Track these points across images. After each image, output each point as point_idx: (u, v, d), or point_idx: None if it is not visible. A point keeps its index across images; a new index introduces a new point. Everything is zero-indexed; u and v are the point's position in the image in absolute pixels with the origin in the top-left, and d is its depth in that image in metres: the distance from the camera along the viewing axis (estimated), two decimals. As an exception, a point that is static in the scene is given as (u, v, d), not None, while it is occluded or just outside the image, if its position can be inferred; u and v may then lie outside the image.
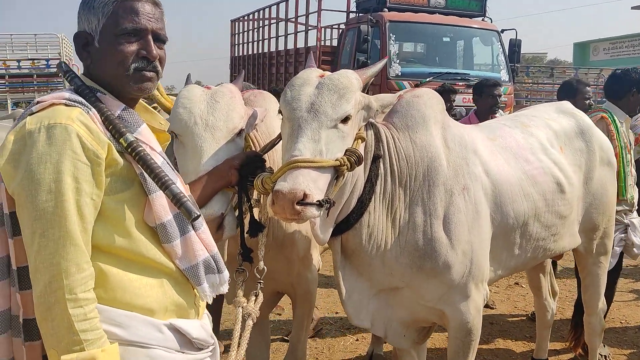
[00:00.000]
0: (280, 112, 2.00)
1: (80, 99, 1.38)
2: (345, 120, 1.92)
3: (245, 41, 15.03)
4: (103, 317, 1.32)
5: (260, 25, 13.94)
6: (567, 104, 3.03)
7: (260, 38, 13.81)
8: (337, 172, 1.89)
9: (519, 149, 2.56)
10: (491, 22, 9.71)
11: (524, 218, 2.46)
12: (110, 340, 1.31)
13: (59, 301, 1.24)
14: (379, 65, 2.18)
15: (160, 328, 1.40)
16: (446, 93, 5.35)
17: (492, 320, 4.50)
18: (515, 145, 2.56)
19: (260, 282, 1.99)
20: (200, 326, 1.52)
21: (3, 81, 13.16)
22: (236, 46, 15.92)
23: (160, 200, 1.41)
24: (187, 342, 1.47)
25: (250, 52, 14.50)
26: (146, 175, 1.39)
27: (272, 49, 12.84)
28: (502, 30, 9.37)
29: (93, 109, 1.37)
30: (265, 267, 2.02)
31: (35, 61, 13.54)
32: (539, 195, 2.51)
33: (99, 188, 1.33)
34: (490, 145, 2.49)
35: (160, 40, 1.48)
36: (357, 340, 4.24)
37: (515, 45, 9.27)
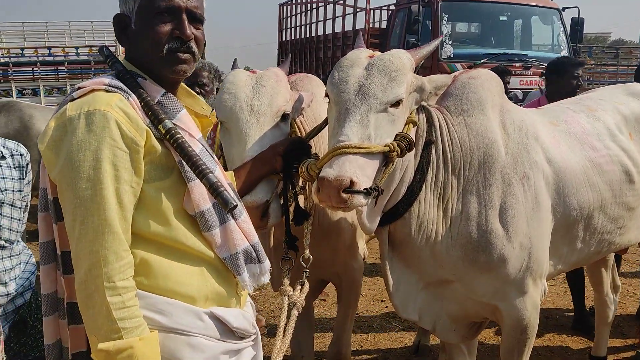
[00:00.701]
0: (327, 95, 1.91)
1: (120, 84, 1.35)
2: (396, 103, 1.81)
3: (293, 25, 14.96)
4: (145, 304, 1.31)
5: (308, 8, 13.82)
6: (636, 86, 2.79)
7: (308, 22, 13.70)
8: (386, 158, 1.79)
9: (584, 135, 2.37)
10: (551, -1, 9.22)
11: (588, 210, 2.29)
12: (151, 328, 1.30)
13: (98, 289, 1.24)
14: (434, 44, 2.05)
15: (201, 316, 1.38)
16: (500, 75, 5.11)
17: (548, 314, 4.30)
18: (580, 131, 2.38)
19: (306, 271, 1.93)
20: (241, 315, 1.49)
21: (63, 68, 13.64)
22: (284, 30, 15.88)
23: (199, 189, 1.37)
24: (227, 331, 1.44)
25: (298, 37, 14.43)
26: (184, 162, 1.35)
27: (320, 32, 12.72)
28: (564, 9, 8.86)
29: (133, 95, 1.35)
30: (311, 256, 1.95)
31: (93, 48, 13.96)
32: (606, 185, 2.33)
33: (138, 176, 1.30)
34: (553, 130, 2.31)
35: (196, 20, 1.43)
36: (403, 329, 4.15)
37: (577, 24, 8.77)
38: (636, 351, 3.70)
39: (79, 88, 1.34)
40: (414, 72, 1.95)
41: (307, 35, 13.60)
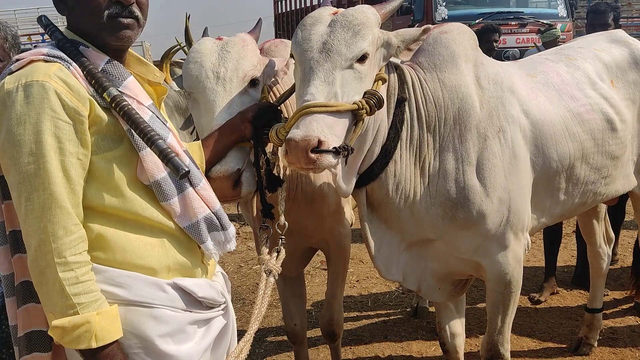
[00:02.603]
0: (292, 56, 1.88)
1: (60, 53, 1.31)
2: (362, 59, 1.77)
3: (288, -4, 14.74)
4: (103, 278, 1.30)
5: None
6: (620, 32, 2.71)
7: (303, -9, 13.49)
8: (355, 117, 1.76)
9: (562, 84, 2.32)
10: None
11: (569, 161, 2.25)
12: (111, 302, 1.30)
13: (49, 265, 1.22)
14: None
15: (163, 287, 1.37)
16: (488, 33, 4.97)
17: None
18: (558, 81, 2.32)
19: (281, 238, 1.92)
20: (207, 285, 1.48)
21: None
22: (279, 2, 15.65)
23: (151, 157, 1.35)
24: (194, 301, 1.43)
25: (293, 7, 14.21)
26: (133, 131, 1.32)
27: (315, 2, 12.51)
28: (559, -39, 8.64)
29: (74, 64, 1.31)
30: (287, 223, 1.94)
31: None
32: (587, 134, 2.29)
33: (85, 147, 1.28)
34: (530, 82, 2.27)
35: None
36: (402, 293, 4.18)
37: (573, -24, 8.55)
38: (635, 301, 3.70)
39: (17, 60, 1.31)
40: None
41: (303, 5, 13.40)
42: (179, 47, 5.09)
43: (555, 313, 3.74)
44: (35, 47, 1.45)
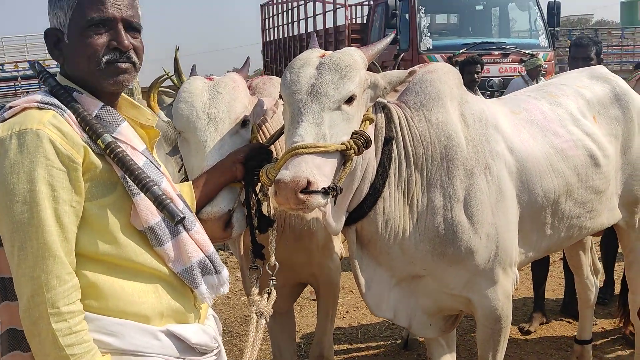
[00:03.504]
0: (281, 97, 1.91)
1: (54, 100, 1.32)
2: (349, 100, 1.80)
3: (275, 25, 14.94)
4: (95, 327, 1.28)
5: (289, 7, 13.82)
6: (601, 68, 2.79)
7: (290, 21, 13.69)
8: (344, 157, 1.78)
9: (546, 121, 2.37)
10: (527, -15, 9.23)
11: (554, 196, 2.29)
12: (103, 351, 1.28)
13: (42, 316, 1.21)
14: (386, 40, 2.04)
15: (157, 335, 1.36)
16: (470, 65, 5.08)
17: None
18: (541, 118, 2.38)
19: (272, 279, 1.92)
20: (201, 330, 1.47)
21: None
22: (267, 31, 15.86)
23: (145, 203, 1.34)
24: (187, 348, 1.42)
25: (281, 36, 14.41)
26: (127, 177, 1.33)
27: (302, 30, 12.71)
28: (539, -6, 8.90)
29: (68, 111, 1.31)
30: (277, 264, 1.94)
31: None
32: (571, 170, 2.33)
33: (78, 194, 1.27)
34: (514, 119, 2.31)
35: (133, 28, 1.40)
36: (392, 325, 4.15)
37: (554, 8, 8.78)
38: (623, 334, 3.71)
39: (10, 107, 1.31)
40: (394, 68, 1.93)
41: (290, 34, 13.58)
42: (166, 76, 5.13)
43: (545, 344, 3.74)
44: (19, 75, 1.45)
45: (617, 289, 4.30)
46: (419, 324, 2.31)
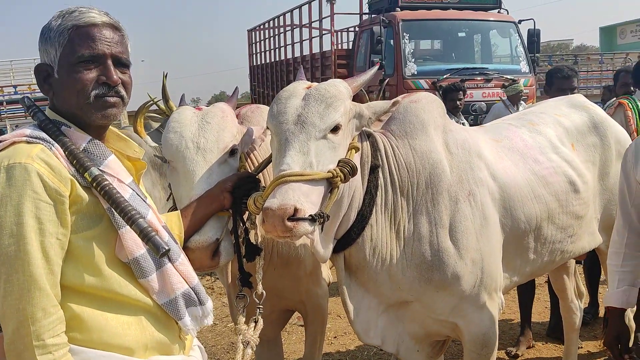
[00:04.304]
0: (268, 127, 1.95)
1: (43, 134, 1.34)
2: (335, 129, 1.85)
3: (263, 50, 15.09)
4: (80, 359, 1.28)
5: (276, 33, 13.98)
6: (579, 97, 2.88)
7: (277, 46, 13.85)
8: (330, 184, 1.81)
9: (526, 149, 2.44)
10: (507, 13, 9.48)
11: (536, 221, 2.34)
12: None
13: (27, 348, 1.21)
14: (370, 72, 2.10)
15: None
16: (452, 92, 5.20)
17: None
18: (522, 146, 2.45)
19: (259, 308, 1.92)
20: None
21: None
22: (254, 55, 16.01)
23: (130, 235, 1.36)
24: None
25: (268, 61, 14.55)
26: (113, 210, 1.35)
27: (289, 55, 12.85)
28: (520, 21, 9.14)
29: (56, 144, 1.33)
30: (264, 292, 1.95)
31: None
32: (551, 196, 2.39)
33: (64, 227, 1.29)
34: (496, 147, 2.38)
35: (122, 64, 1.44)
36: (381, 350, 4.14)
37: (534, 35, 9.02)
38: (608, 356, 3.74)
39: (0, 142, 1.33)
40: (381, 97, 1.97)
41: (277, 59, 13.73)
42: (152, 102, 5.17)
43: (531, 367, 3.76)
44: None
45: (602, 311, 4.35)
46: (407, 350, 2.32)
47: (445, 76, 7.96)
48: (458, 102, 5.22)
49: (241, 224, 1.95)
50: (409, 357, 2.36)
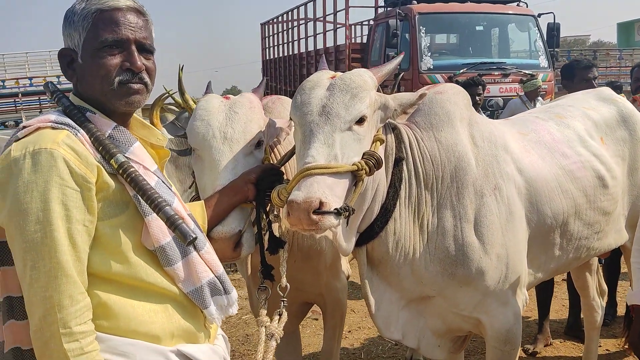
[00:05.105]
0: (292, 119, 1.91)
1: (68, 120, 1.33)
2: (360, 121, 1.81)
3: (276, 44, 15.05)
4: (106, 347, 1.27)
5: (289, 26, 13.93)
6: (607, 90, 2.82)
7: (290, 39, 13.79)
8: (355, 177, 1.78)
9: (554, 142, 2.39)
10: (527, 6, 9.35)
11: (563, 217, 2.29)
12: None
13: (54, 336, 1.20)
14: (396, 61, 2.06)
15: (167, 355, 1.35)
16: (471, 86, 5.04)
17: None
18: (550, 139, 2.39)
19: (283, 300, 1.90)
20: (210, 350, 1.46)
21: (45, 97, 13.52)
22: (267, 49, 15.98)
23: (156, 223, 1.34)
24: None
25: (281, 54, 14.51)
26: (140, 197, 1.33)
27: (302, 49, 12.80)
28: (539, 15, 8.99)
29: (81, 130, 1.32)
30: (288, 285, 1.93)
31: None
32: (579, 191, 2.34)
33: (91, 214, 1.27)
34: (523, 140, 2.33)
35: (146, 50, 1.41)
36: (395, 345, 4.12)
37: (553, 29, 8.88)
38: (629, 355, 3.68)
39: (24, 127, 1.31)
40: (394, 89, 1.94)
41: (290, 53, 13.68)
42: (169, 94, 5.17)
43: (550, 365, 3.71)
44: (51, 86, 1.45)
45: (620, 310, 4.29)
46: (428, 345, 2.29)
47: (461, 71, 7.87)
48: (477, 98, 5.08)
49: (264, 216, 1.93)
50: (429, 352, 2.33)
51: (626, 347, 3.66)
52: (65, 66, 1.41)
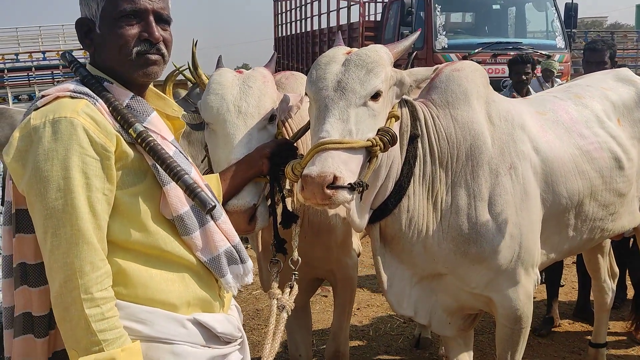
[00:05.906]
0: (307, 94, 1.91)
1: (86, 89, 1.33)
2: (375, 96, 1.80)
3: (289, 21, 14.91)
4: (125, 314, 1.29)
5: (302, 3, 13.77)
6: (626, 71, 2.77)
7: (303, 17, 13.65)
8: (369, 153, 1.78)
9: (571, 122, 2.36)
10: (544, -15, 9.15)
11: (578, 197, 2.28)
12: (132, 338, 1.29)
13: (75, 301, 1.21)
14: (412, 37, 2.04)
15: (184, 323, 1.37)
16: (518, 64, 4.67)
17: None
18: (567, 119, 2.37)
19: (295, 273, 1.92)
20: (226, 320, 1.48)
21: (58, 71, 13.59)
22: (280, 26, 15.83)
23: (175, 192, 1.35)
24: (212, 337, 1.43)
25: (293, 32, 14.38)
26: (158, 166, 1.33)
27: (315, 27, 12.67)
28: (557, -6, 8.82)
29: (100, 100, 1.32)
30: (300, 258, 1.94)
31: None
32: (596, 172, 2.32)
33: (111, 182, 1.28)
34: (540, 119, 2.30)
35: (163, 21, 1.41)
36: (404, 322, 4.16)
37: (571, 9, 8.70)
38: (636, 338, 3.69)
39: (43, 96, 1.31)
40: (407, 67, 1.93)
41: (303, 31, 13.55)
42: (179, 70, 5.18)
43: (558, 347, 3.72)
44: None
45: (629, 293, 4.28)
46: (439, 322, 2.31)
47: (476, 50, 7.76)
48: (525, 76, 4.60)
49: (278, 191, 1.94)
50: (440, 329, 2.35)
51: (632, 329, 3.67)
52: (83, 36, 1.41)
